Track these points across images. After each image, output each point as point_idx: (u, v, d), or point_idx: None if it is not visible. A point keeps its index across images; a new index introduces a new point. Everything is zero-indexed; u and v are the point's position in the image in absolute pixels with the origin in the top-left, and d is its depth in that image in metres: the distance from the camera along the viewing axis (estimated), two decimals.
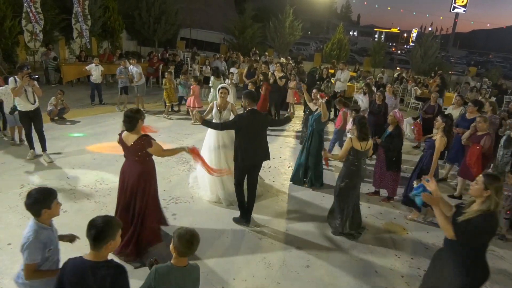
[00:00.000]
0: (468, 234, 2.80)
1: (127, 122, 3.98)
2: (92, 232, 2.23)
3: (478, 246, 2.90)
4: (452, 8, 43.82)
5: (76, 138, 8.14)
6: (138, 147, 3.99)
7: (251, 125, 4.89)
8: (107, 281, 2.23)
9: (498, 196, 2.80)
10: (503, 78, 22.72)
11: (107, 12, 17.96)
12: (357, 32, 79.06)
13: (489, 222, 2.79)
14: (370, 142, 4.96)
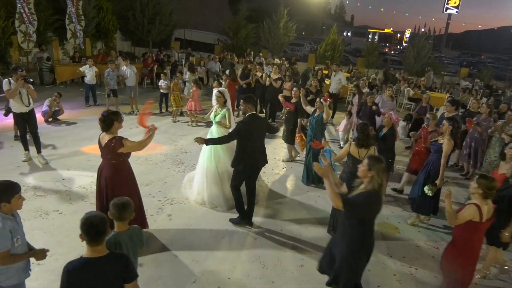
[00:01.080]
0: (351, 208, 3.15)
1: (102, 122, 4.07)
2: (93, 231, 2.34)
3: (361, 221, 3.24)
4: (444, 9, 44.29)
5: (70, 140, 8.14)
6: (110, 148, 4.06)
7: (254, 130, 4.95)
8: (117, 272, 2.42)
9: (380, 177, 3.14)
10: (494, 79, 23.04)
11: (101, 13, 17.91)
12: (351, 33, 79.49)
13: (370, 199, 3.16)
14: (371, 151, 4.77)
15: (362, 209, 3.19)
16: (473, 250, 3.53)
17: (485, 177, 3.49)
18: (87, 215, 2.41)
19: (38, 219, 4.89)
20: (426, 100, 9.10)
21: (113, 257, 2.45)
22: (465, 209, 3.40)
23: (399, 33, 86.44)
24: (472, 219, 3.34)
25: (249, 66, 11.86)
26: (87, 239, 2.36)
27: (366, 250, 3.33)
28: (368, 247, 3.33)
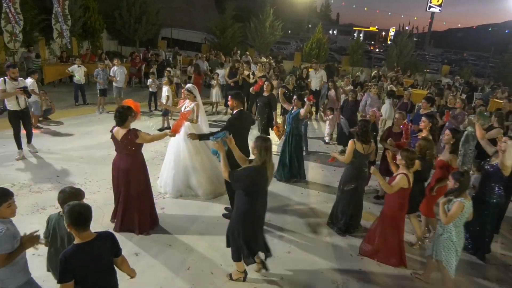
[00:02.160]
0: (234, 179, 3.68)
1: (117, 118, 4.42)
2: (82, 219, 2.56)
3: (247, 192, 3.70)
4: (428, 7, 45.20)
5: (62, 138, 8.29)
6: (127, 141, 4.43)
7: (242, 126, 5.24)
8: (108, 249, 2.71)
9: (262, 155, 3.61)
10: (475, 76, 23.75)
11: (88, 12, 17.91)
12: (337, 31, 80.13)
13: (252, 173, 3.65)
14: (372, 146, 5.14)
15: (243, 181, 3.65)
16: (403, 212, 4.48)
17: (407, 150, 4.22)
18: (71, 206, 2.57)
19: (36, 214, 5.07)
20: (407, 96, 9.51)
21: (102, 237, 2.68)
22: (398, 179, 4.09)
23: (384, 31, 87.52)
24: (402, 186, 4.16)
25: (237, 65, 12.11)
26: (77, 228, 2.54)
27: (250, 219, 3.77)
28: (252, 217, 3.78)
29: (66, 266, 2.51)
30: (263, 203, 3.91)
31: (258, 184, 3.73)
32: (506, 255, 5.27)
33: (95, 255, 2.60)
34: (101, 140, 8.28)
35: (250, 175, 3.67)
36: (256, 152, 3.66)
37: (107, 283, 2.75)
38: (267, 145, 3.67)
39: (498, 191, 4.77)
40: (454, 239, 3.86)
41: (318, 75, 12.21)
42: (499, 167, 4.69)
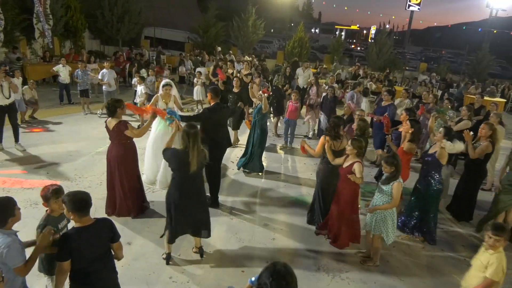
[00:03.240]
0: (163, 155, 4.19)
1: (108, 110, 4.91)
2: (82, 204, 2.81)
3: (173, 173, 4.14)
4: (407, 6, 46.16)
5: (49, 136, 8.41)
6: (117, 130, 4.89)
7: (217, 117, 5.63)
8: (106, 234, 2.95)
9: (184, 140, 4.01)
10: (452, 73, 24.61)
11: (69, 12, 17.80)
12: (319, 30, 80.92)
13: (174, 154, 4.07)
14: (344, 142, 5.18)
15: (168, 160, 4.14)
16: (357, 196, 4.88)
17: (356, 139, 4.58)
18: (73, 194, 2.84)
19: (29, 209, 5.25)
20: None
21: (101, 223, 2.95)
22: (355, 166, 4.44)
23: (365, 30, 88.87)
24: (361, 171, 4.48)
25: (221, 63, 12.36)
26: (78, 213, 2.79)
27: (172, 203, 4.12)
28: (173, 197, 4.11)
29: (65, 246, 2.76)
30: (188, 189, 4.13)
31: (178, 167, 4.07)
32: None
33: (93, 238, 2.85)
34: (89, 138, 8.48)
35: (172, 155, 4.09)
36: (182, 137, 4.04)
37: (104, 267, 2.98)
38: (189, 131, 4.00)
39: (438, 179, 5.08)
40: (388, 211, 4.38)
41: (306, 73, 12.57)
42: (437, 156, 5.06)
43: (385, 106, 7.73)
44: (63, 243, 2.78)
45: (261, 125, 7.06)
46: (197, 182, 4.25)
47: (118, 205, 5.23)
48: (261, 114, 7.03)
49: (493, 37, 29.54)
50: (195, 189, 4.21)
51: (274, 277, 1.89)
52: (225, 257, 4.63)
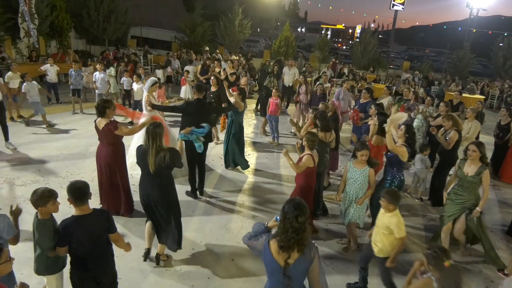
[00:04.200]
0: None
1: (98, 110, 4.96)
2: (80, 193, 3.00)
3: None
4: (391, 5, 46.92)
5: (39, 135, 8.50)
6: (107, 131, 4.94)
7: (198, 112, 5.86)
8: (102, 224, 3.11)
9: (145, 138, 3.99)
10: (434, 71, 25.24)
11: (55, 11, 17.71)
12: (305, 29, 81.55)
13: (139, 151, 4.08)
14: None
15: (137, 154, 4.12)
16: (312, 189, 4.97)
17: (309, 133, 4.79)
18: (72, 183, 3.05)
19: (23, 205, 5.32)
20: None
21: (98, 213, 3.15)
22: (304, 159, 4.64)
23: (350, 29, 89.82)
24: (308, 165, 4.65)
25: (208, 62, 12.55)
26: (75, 201, 3.00)
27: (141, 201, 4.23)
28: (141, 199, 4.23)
29: (64, 232, 2.97)
30: (149, 189, 4.09)
31: (140, 161, 4.08)
32: None
33: (90, 227, 3.04)
34: (79, 136, 8.61)
35: (137, 153, 4.10)
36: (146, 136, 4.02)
37: (101, 255, 3.16)
38: (149, 129, 3.97)
39: (398, 176, 5.08)
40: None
41: (291, 71, 12.85)
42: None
43: (364, 103, 8.04)
44: (62, 231, 2.98)
45: (238, 122, 7.26)
46: (159, 184, 4.08)
47: (107, 203, 5.34)
48: (237, 112, 7.21)
49: (475, 36, 30.32)
50: (156, 191, 4.08)
51: (295, 207, 2.52)
52: (216, 247, 4.86)
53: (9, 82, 8.98)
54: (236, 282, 4.24)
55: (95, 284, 3.17)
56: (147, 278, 4.18)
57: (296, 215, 2.48)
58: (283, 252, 2.50)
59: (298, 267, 2.54)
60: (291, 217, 2.48)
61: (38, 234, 3.07)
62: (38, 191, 3.05)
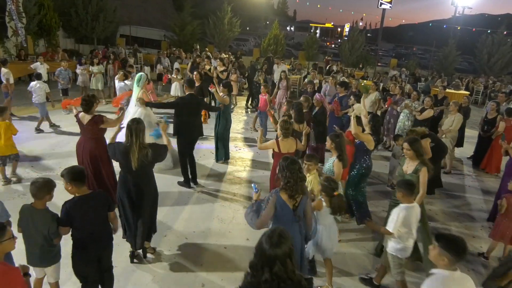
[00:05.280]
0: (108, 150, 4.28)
1: (84, 105, 5.02)
2: (79, 175, 3.20)
3: None
4: (379, 4, 47.43)
5: (31, 132, 8.53)
6: (92, 124, 5.04)
7: (189, 106, 6.04)
8: (102, 203, 3.32)
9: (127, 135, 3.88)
10: (421, 68, 25.68)
11: (43, 10, 17.62)
12: (294, 27, 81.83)
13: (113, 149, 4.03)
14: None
15: (111, 151, 4.07)
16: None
17: (283, 121, 4.96)
18: (69, 168, 3.24)
19: (17, 199, 5.45)
20: (355, 86, 10.51)
21: (96, 193, 3.38)
22: (269, 142, 4.97)
23: (339, 28, 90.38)
24: (273, 149, 4.93)
25: (198, 59, 12.66)
26: (76, 183, 3.17)
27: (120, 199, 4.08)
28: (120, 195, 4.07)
29: (66, 213, 3.13)
30: (128, 186, 3.99)
31: (121, 161, 3.96)
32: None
33: (91, 206, 3.21)
34: (70, 133, 8.66)
35: (116, 150, 3.98)
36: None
37: (101, 234, 3.33)
38: (131, 126, 3.85)
39: (365, 163, 5.26)
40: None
41: (279, 69, 13.05)
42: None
43: (342, 97, 8.35)
44: (65, 211, 3.14)
45: (225, 116, 7.40)
46: (142, 182, 4.04)
47: None
48: (224, 106, 7.34)
49: (462, 34, 30.84)
50: (139, 188, 4.02)
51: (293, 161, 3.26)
52: (209, 236, 5.00)
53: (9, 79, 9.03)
54: (228, 269, 4.38)
55: (97, 264, 3.35)
56: (140, 266, 4.30)
57: (298, 167, 3.19)
58: (293, 198, 3.18)
59: (301, 206, 3.24)
60: (294, 170, 3.14)
61: (40, 225, 3.10)
62: (39, 182, 3.11)
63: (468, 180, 7.99)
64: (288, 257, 2.04)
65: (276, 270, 1.98)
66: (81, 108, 5.14)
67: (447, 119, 7.90)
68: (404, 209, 3.62)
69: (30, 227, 3.12)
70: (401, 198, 3.65)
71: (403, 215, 3.59)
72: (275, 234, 2.09)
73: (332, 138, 4.75)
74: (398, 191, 3.67)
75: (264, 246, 2.05)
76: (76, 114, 5.20)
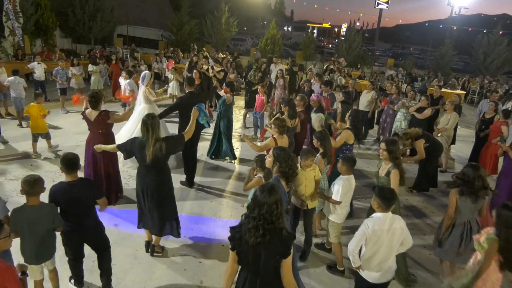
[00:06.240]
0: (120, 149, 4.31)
1: (92, 102, 5.14)
2: (70, 162, 3.40)
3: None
4: (376, 4, 47.58)
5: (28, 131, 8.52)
6: (100, 120, 5.17)
7: (192, 103, 5.98)
8: (89, 190, 3.52)
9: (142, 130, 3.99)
10: (418, 68, 25.80)
11: (40, 9, 17.60)
12: (291, 28, 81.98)
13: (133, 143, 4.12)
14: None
15: (126, 150, 4.16)
16: None
17: (278, 119, 5.12)
18: (64, 154, 3.46)
19: (15, 198, 5.47)
20: (352, 85, 10.61)
21: (84, 180, 3.57)
22: (267, 141, 5.01)
23: (336, 28, 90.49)
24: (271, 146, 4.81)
25: (195, 59, 12.69)
26: (66, 170, 3.40)
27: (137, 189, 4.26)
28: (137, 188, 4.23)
29: (53, 196, 3.36)
30: (147, 180, 4.12)
31: (135, 153, 4.09)
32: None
33: (76, 192, 3.39)
34: (68, 132, 8.70)
35: (131, 144, 4.12)
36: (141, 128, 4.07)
37: (87, 218, 3.53)
38: (147, 121, 3.97)
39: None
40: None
41: (277, 68, 13.09)
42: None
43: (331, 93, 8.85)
44: (52, 195, 3.36)
45: (227, 115, 7.48)
46: (157, 174, 4.16)
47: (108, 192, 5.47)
48: (225, 105, 7.45)
49: (458, 34, 30.99)
50: (154, 181, 4.14)
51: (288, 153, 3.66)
52: (207, 234, 5.05)
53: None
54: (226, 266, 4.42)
55: (88, 245, 3.65)
56: (141, 264, 4.34)
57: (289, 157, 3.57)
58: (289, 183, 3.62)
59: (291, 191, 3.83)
60: (289, 159, 3.53)
61: (42, 221, 3.17)
62: (34, 178, 3.15)
63: None
64: (275, 205, 2.45)
65: (263, 212, 2.41)
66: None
67: (443, 117, 7.96)
68: (345, 180, 4.29)
69: (25, 229, 3.14)
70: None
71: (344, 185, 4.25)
72: (268, 186, 2.54)
73: (317, 136, 4.88)
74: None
75: (257, 193, 2.50)
76: (82, 111, 5.38)
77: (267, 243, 2.44)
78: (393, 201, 3.18)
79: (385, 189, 3.26)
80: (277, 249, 2.47)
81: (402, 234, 3.19)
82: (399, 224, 3.16)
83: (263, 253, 2.47)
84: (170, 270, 4.29)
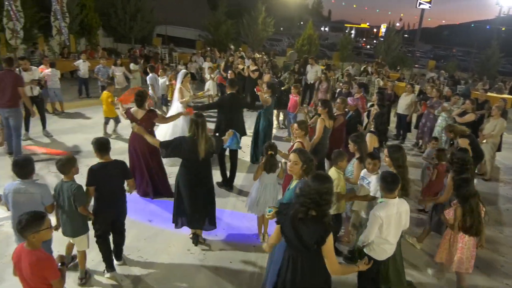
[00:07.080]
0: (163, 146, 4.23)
1: (138, 101, 5.39)
2: (102, 146, 3.77)
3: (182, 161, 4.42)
4: (418, 4, 46.00)
5: (72, 126, 8.92)
6: (147, 119, 5.38)
7: (231, 105, 6.10)
8: (120, 170, 3.87)
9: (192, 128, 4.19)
10: (461, 70, 24.68)
11: (84, 10, 18.39)
12: (329, 28, 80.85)
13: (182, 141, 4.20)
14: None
15: (173, 148, 4.17)
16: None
17: (301, 121, 5.09)
18: (96, 138, 3.82)
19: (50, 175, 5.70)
20: (390, 88, 10.29)
21: (116, 162, 3.87)
22: (295, 145, 4.82)
23: (375, 28, 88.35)
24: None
25: (231, 59, 12.77)
26: (100, 152, 3.76)
27: (181, 189, 4.36)
28: (183, 187, 4.34)
29: (92, 175, 3.70)
30: (195, 176, 4.28)
31: (186, 151, 4.15)
32: None
33: (110, 171, 3.77)
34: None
35: (180, 143, 4.18)
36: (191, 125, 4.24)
37: (118, 197, 3.89)
38: (197, 120, 4.15)
39: None
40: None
41: (313, 69, 12.93)
42: None
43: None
44: (90, 174, 3.69)
45: (266, 117, 7.32)
46: (205, 170, 4.37)
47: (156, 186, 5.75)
48: (265, 107, 7.30)
49: (506, 35, 29.42)
50: (202, 177, 4.34)
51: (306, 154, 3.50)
52: (237, 236, 5.03)
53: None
54: (254, 268, 4.39)
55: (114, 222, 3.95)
56: (173, 260, 4.40)
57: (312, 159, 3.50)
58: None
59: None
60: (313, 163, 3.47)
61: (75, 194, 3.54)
62: (62, 159, 3.58)
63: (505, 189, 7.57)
64: (326, 190, 2.59)
65: (313, 194, 2.56)
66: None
67: (489, 123, 7.54)
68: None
69: (61, 200, 3.60)
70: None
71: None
72: (321, 174, 2.76)
73: (353, 140, 4.79)
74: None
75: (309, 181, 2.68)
76: (126, 110, 5.57)
77: (308, 223, 2.58)
78: (395, 184, 3.38)
79: (387, 174, 3.48)
80: (315, 233, 2.57)
81: (407, 215, 3.52)
82: (404, 207, 3.48)
83: (304, 231, 2.59)
84: (202, 267, 4.32)
